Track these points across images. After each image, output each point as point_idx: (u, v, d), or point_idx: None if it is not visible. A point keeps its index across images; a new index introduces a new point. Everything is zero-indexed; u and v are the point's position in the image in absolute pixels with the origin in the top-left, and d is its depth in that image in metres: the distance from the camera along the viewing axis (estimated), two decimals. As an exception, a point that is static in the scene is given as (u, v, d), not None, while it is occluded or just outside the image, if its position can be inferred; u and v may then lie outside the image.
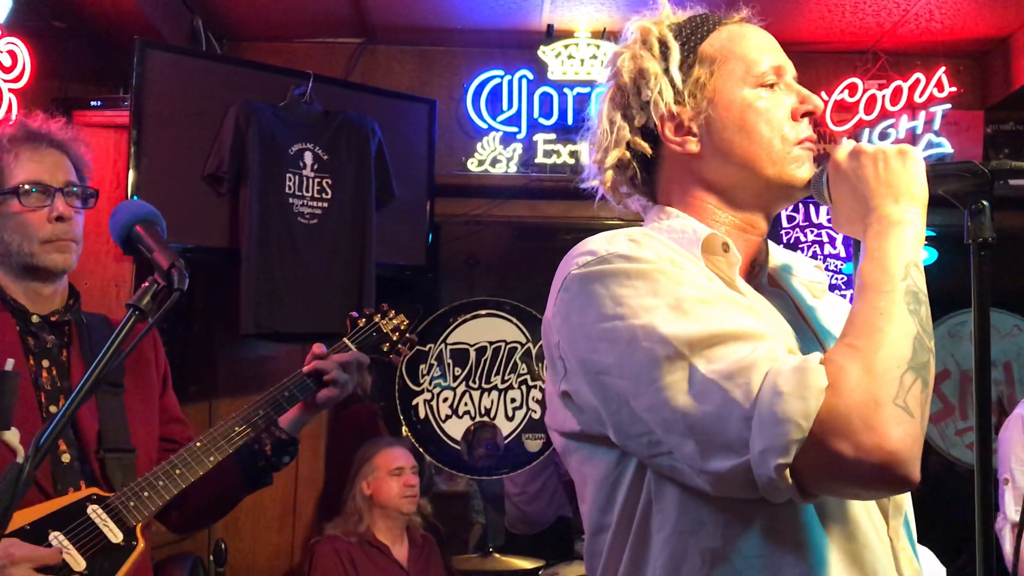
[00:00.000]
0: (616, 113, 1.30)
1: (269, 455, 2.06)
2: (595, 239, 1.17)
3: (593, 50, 4.09)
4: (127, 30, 3.31)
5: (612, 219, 4.41)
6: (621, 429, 1.07)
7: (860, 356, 0.98)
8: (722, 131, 1.23)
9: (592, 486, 1.17)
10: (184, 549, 3.52)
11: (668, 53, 1.26)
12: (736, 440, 0.97)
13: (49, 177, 1.88)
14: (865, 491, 1.01)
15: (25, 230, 1.85)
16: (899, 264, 1.05)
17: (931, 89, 4.07)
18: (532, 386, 4.03)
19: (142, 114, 3.19)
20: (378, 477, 3.37)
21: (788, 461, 0.94)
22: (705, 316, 1.04)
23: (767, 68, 1.24)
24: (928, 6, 3.81)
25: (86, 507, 1.78)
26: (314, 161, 3.49)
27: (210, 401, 3.84)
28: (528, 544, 4.65)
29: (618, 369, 1.06)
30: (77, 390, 1.19)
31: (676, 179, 1.29)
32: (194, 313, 3.88)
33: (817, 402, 0.95)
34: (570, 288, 1.13)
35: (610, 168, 1.32)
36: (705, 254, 1.18)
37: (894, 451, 0.93)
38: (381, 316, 2.31)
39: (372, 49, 4.28)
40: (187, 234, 3.23)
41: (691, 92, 1.24)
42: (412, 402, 3.98)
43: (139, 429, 1.94)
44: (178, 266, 1.38)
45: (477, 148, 4.14)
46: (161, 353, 2.11)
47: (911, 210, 1.09)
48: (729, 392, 0.98)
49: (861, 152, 1.14)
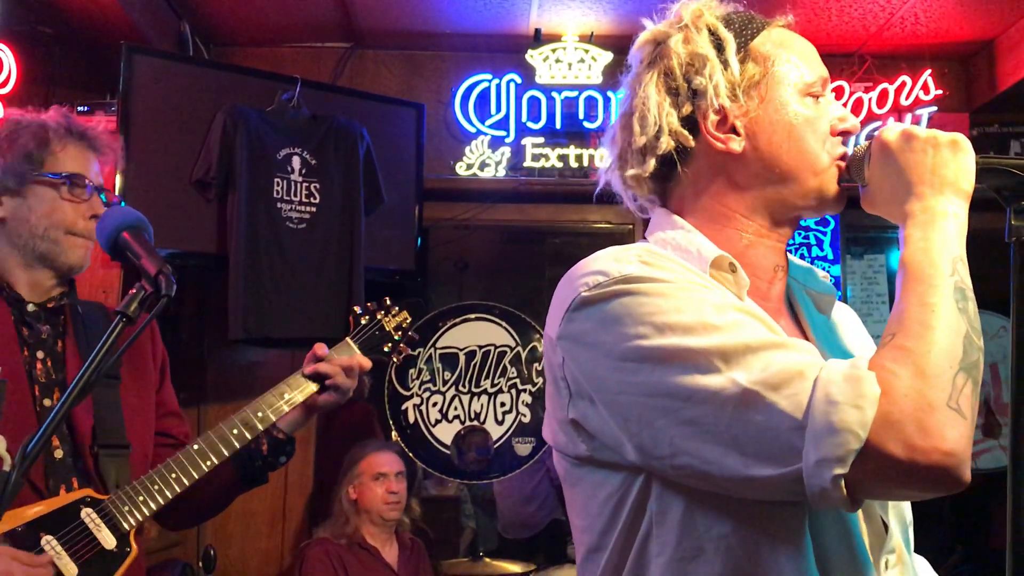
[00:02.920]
0: (665, 98, 1.20)
1: (266, 455, 2.05)
2: (600, 259, 1.12)
3: (581, 54, 4.10)
4: (114, 35, 3.31)
5: (600, 223, 4.43)
6: (644, 449, 1.04)
7: (911, 358, 0.96)
8: (771, 134, 1.18)
9: (591, 507, 1.14)
10: (173, 555, 3.51)
11: (722, 43, 1.19)
12: (786, 450, 0.95)
13: (92, 176, 1.91)
14: (918, 493, 0.99)
15: (57, 217, 1.85)
16: (946, 258, 1.03)
17: (917, 92, 4.10)
18: (522, 390, 4.03)
19: (129, 119, 3.19)
20: (363, 482, 3.37)
21: (846, 471, 0.92)
22: (733, 327, 1.01)
23: (816, 79, 1.20)
24: (913, 9, 3.84)
25: (80, 510, 1.76)
26: (302, 166, 3.48)
27: (199, 407, 3.83)
28: (519, 548, 4.64)
29: (645, 388, 1.02)
30: (67, 394, 1.19)
31: (703, 179, 1.22)
32: (182, 319, 3.87)
33: (873, 410, 0.93)
34: (581, 309, 1.08)
35: (657, 157, 1.21)
36: (713, 270, 1.14)
37: (949, 453, 0.92)
38: (384, 312, 2.28)
39: (360, 54, 4.28)
40: (175, 240, 3.22)
41: (744, 89, 1.18)
42: (402, 406, 3.97)
43: (134, 424, 1.92)
44: (166, 272, 1.38)
45: (465, 152, 4.14)
46: (159, 343, 2.08)
47: (957, 202, 1.07)
48: (776, 403, 0.96)
49: (913, 136, 1.11)
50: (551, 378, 1.16)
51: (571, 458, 1.16)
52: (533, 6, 3.87)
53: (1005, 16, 3.90)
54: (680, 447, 1.01)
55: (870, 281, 4.38)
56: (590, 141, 4.15)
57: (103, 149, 1.96)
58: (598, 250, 1.16)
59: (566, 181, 4.12)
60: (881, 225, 4.52)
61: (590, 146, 4.13)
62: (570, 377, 1.11)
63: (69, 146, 1.88)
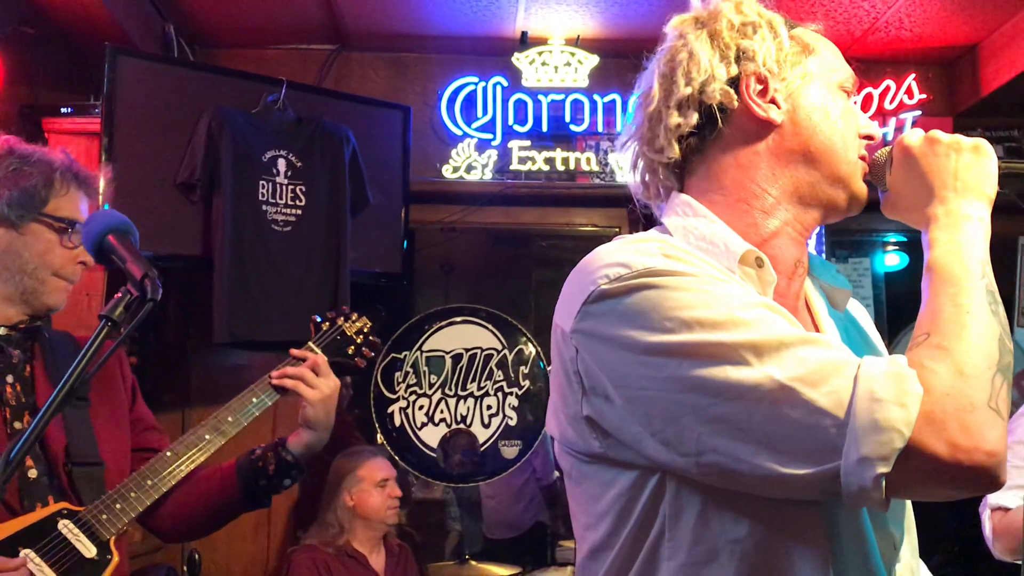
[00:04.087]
0: (715, 55, 1.18)
1: (271, 475, 2.02)
2: (618, 250, 1.08)
3: (567, 57, 4.11)
4: (98, 36, 3.29)
5: (587, 226, 4.44)
6: (668, 446, 1.01)
7: (950, 357, 0.95)
8: (811, 110, 1.17)
9: (600, 504, 1.11)
10: (157, 560, 3.48)
11: (771, 19, 1.20)
12: (824, 448, 0.93)
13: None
14: (956, 493, 0.97)
15: (47, 258, 1.86)
16: (976, 261, 1.03)
17: (901, 96, 4.13)
18: (508, 393, 4.03)
19: (113, 121, 3.17)
20: (362, 489, 3.35)
21: (889, 470, 0.91)
22: (763, 322, 0.99)
23: (848, 77, 1.21)
24: (898, 14, 3.86)
25: (56, 522, 1.75)
26: (288, 168, 3.47)
27: (183, 410, 3.81)
28: (505, 551, 4.65)
29: (672, 384, 0.99)
30: (47, 405, 1.18)
31: (736, 149, 1.19)
32: (167, 322, 3.84)
33: (916, 409, 0.92)
34: (600, 301, 1.04)
35: (700, 111, 1.17)
36: (741, 267, 1.12)
37: (991, 453, 0.92)
38: (344, 319, 2.30)
39: (346, 56, 4.27)
40: (159, 242, 3.20)
41: (789, 62, 1.18)
42: (387, 410, 3.96)
43: (107, 442, 1.90)
44: (151, 276, 1.37)
45: (452, 155, 4.14)
46: (126, 366, 2.09)
47: (980, 206, 1.07)
48: (814, 400, 0.94)
49: (936, 140, 1.11)
50: (561, 371, 1.12)
51: (580, 455, 1.13)
52: (519, 9, 3.88)
53: (988, 21, 3.93)
54: (707, 444, 0.98)
55: (855, 284, 4.40)
56: (576, 144, 4.15)
57: (95, 194, 1.99)
58: (584, 253, 1.12)
59: (552, 184, 4.13)
60: (866, 229, 4.55)
61: (576, 149, 4.14)
62: (584, 372, 1.07)
63: (71, 191, 1.90)
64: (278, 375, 2.09)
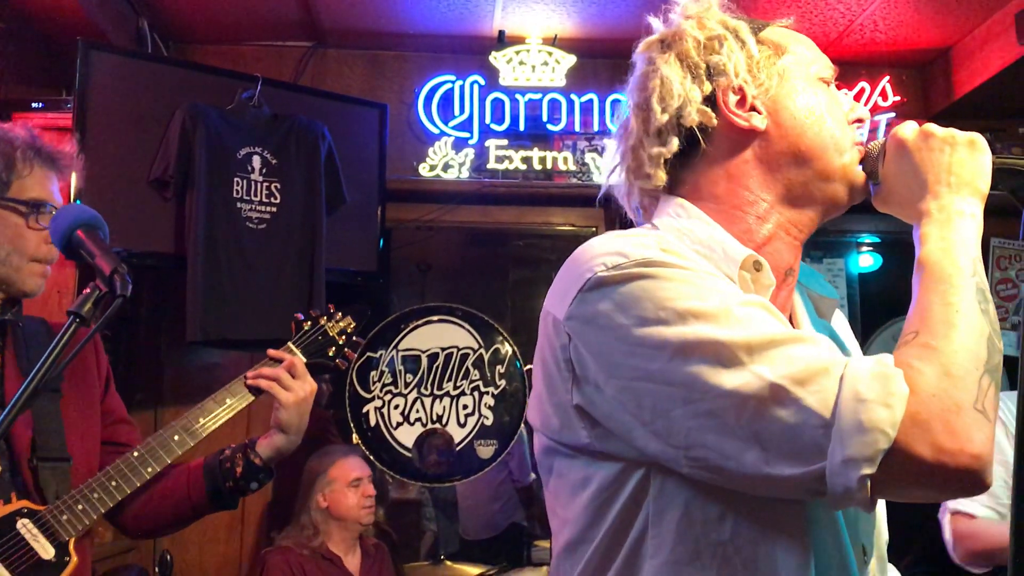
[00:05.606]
0: (686, 77, 1.18)
1: (238, 476, 1.99)
2: (616, 241, 1.07)
3: (544, 56, 4.10)
4: (70, 31, 3.25)
5: (564, 225, 4.44)
6: (658, 438, 1.00)
7: (937, 357, 0.95)
8: (794, 110, 1.16)
9: (580, 496, 1.10)
10: (128, 560, 3.45)
11: (735, 28, 1.19)
12: (810, 448, 0.93)
13: (55, 200, 1.86)
14: (940, 494, 0.97)
15: (19, 243, 1.80)
16: (967, 258, 1.02)
17: (875, 98, 4.16)
18: (484, 392, 4.02)
19: (86, 117, 3.13)
20: (335, 489, 3.31)
21: (874, 471, 0.91)
22: (756, 320, 0.99)
23: (826, 66, 1.21)
24: (872, 17, 3.89)
25: (15, 521, 1.71)
26: (263, 165, 3.44)
27: (156, 409, 3.76)
28: (480, 551, 4.64)
29: (664, 376, 0.99)
30: (13, 401, 1.16)
31: (724, 161, 1.18)
32: (139, 320, 3.80)
33: (902, 409, 0.91)
34: (596, 289, 1.03)
35: (680, 135, 1.17)
36: (741, 271, 1.11)
37: (976, 455, 0.91)
38: (327, 319, 2.26)
39: (322, 53, 4.24)
40: (132, 239, 3.16)
41: (761, 67, 1.17)
42: (363, 409, 3.94)
43: (76, 437, 1.86)
44: (121, 272, 1.35)
45: (429, 153, 4.12)
46: (102, 354, 2.04)
47: (973, 203, 1.07)
48: (802, 399, 0.93)
49: (930, 134, 1.10)
50: (551, 360, 1.10)
51: (563, 445, 1.12)
52: (497, 8, 3.87)
53: (962, 25, 3.97)
54: (697, 439, 0.98)
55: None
56: (554, 144, 4.15)
57: (65, 170, 1.92)
58: (561, 252, 1.13)
59: (530, 183, 4.12)
60: (840, 230, 4.58)
61: (554, 148, 4.14)
62: (576, 359, 1.06)
63: (36, 169, 1.84)
64: (253, 375, 2.06)
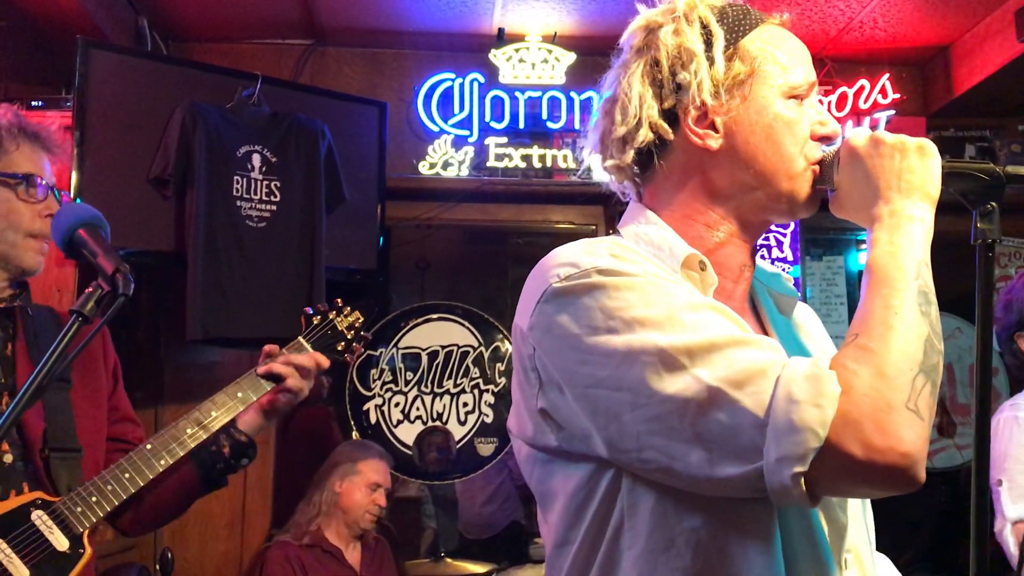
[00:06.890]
0: (648, 90, 1.20)
1: (227, 457, 2.02)
2: (570, 250, 1.12)
3: (544, 54, 4.10)
4: (69, 29, 3.25)
5: (563, 223, 4.43)
6: (612, 442, 1.05)
7: (872, 359, 0.98)
8: (749, 135, 1.18)
9: (560, 500, 1.14)
10: (129, 558, 3.45)
11: (712, 39, 1.19)
12: (748, 447, 0.97)
13: (46, 176, 1.87)
14: (875, 492, 1.01)
15: (13, 218, 1.81)
16: (911, 262, 1.04)
17: (875, 96, 4.16)
18: (484, 390, 4.02)
19: (85, 115, 3.13)
20: (354, 482, 3.33)
21: (805, 469, 0.94)
22: (699, 325, 1.02)
23: (802, 80, 1.20)
24: (872, 14, 3.89)
25: (30, 513, 1.72)
26: (262, 163, 3.44)
27: (156, 408, 3.77)
28: (480, 548, 4.64)
29: (613, 382, 1.03)
30: (18, 397, 1.16)
31: (679, 174, 1.22)
32: (139, 318, 3.81)
33: (833, 409, 0.95)
34: (552, 300, 1.09)
35: (635, 148, 1.21)
36: (684, 269, 1.15)
37: (905, 454, 0.94)
38: (336, 313, 2.27)
39: (322, 51, 4.24)
40: (132, 238, 3.17)
41: (728, 87, 1.18)
42: (363, 407, 3.95)
43: (86, 428, 1.88)
44: (123, 271, 1.35)
45: (428, 151, 4.12)
46: (110, 348, 2.05)
47: (923, 207, 1.08)
48: (739, 400, 0.97)
49: (881, 141, 1.12)
50: (520, 368, 1.16)
51: (539, 450, 1.16)
52: (496, 6, 3.87)
53: (961, 22, 3.97)
54: (646, 442, 1.02)
55: (829, 283, 4.43)
56: (553, 141, 4.15)
57: (55, 149, 1.93)
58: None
59: (529, 181, 4.12)
60: (840, 227, 4.58)
61: (553, 146, 4.13)
62: (541, 367, 1.11)
63: (23, 146, 1.85)
64: (284, 360, 2.07)
